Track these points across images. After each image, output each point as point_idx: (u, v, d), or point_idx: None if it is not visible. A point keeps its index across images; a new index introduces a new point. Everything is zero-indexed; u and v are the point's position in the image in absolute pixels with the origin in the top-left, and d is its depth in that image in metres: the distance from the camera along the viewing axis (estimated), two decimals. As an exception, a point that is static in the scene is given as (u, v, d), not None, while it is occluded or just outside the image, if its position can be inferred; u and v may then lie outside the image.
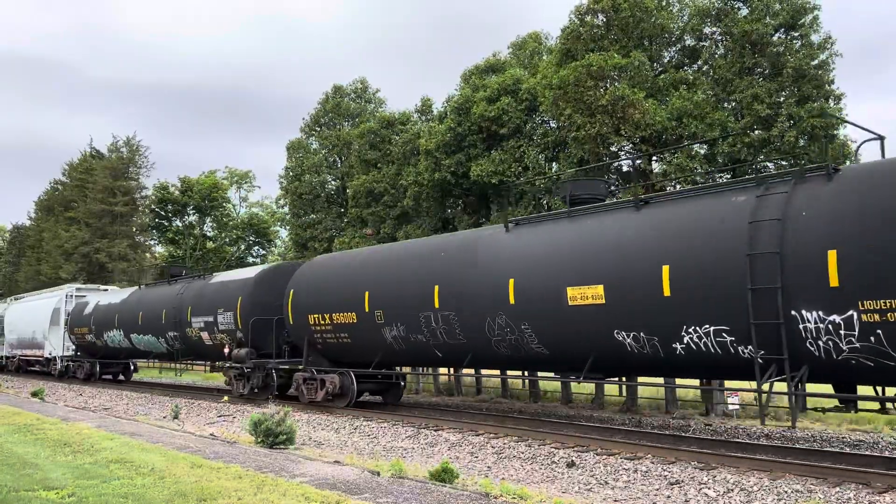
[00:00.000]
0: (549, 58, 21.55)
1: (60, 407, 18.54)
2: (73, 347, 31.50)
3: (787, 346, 9.23)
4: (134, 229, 47.88)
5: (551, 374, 18.94)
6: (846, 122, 12.54)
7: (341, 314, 16.58)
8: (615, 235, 11.45)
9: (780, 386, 9.85)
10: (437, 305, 14.04)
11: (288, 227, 44.27)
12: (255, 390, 19.68)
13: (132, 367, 32.07)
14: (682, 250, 10.40)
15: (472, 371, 22.11)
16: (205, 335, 21.24)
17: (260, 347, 19.32)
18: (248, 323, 19.09)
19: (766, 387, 9.71)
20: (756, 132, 17.37)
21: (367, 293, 15.81)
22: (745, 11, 18.12)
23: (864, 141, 10.29)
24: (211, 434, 13.05)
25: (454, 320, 13.75)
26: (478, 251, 13.78)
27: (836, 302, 8.80)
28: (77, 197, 47.61)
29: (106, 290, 33.50)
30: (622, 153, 20.00)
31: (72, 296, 32.59)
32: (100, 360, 29.67)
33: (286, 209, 42.31)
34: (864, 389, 9.95)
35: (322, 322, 17.21)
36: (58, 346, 32.09)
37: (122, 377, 31.61)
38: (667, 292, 10.39)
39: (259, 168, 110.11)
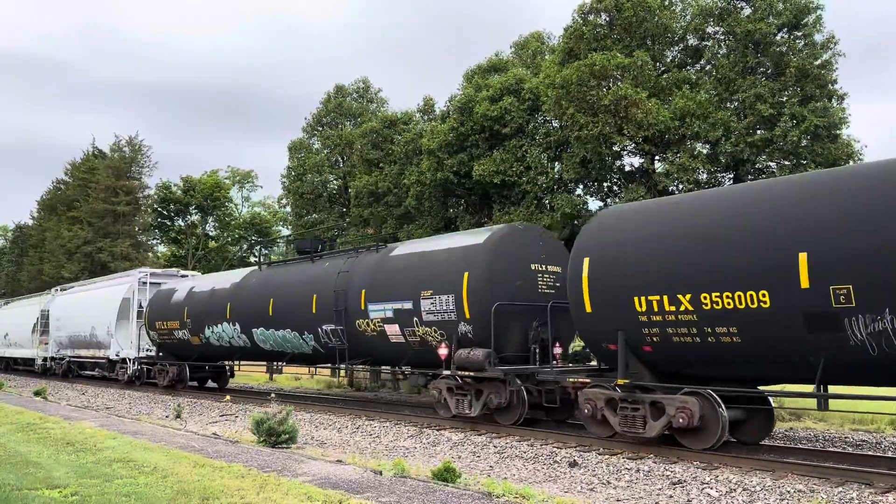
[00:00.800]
0: (552, 57, 21.54)
1: (63, 406, 18.58)
2: (151, 347, 25.32)
3: None
4: (136, 229, 47.97)
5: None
6: None
7: (726, 294, 9.69)
8: None
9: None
10: None
11: (290, 227, 44.32)
12: (490, 411, 13.68)
13: (228, 371, 25.57)
14: None
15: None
16: (391, 329, 15.14)
17: (501, 348, 13.46)
18: (490, 311, 12.99)
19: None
20: (759, 132, 17.36)
21: (803, 256, 8.96)
22: (747, 11, 18.11)
23: None
24: (213, 433, 13.07)
25: None
26: None
27: None
28: (80, 196, 47.68)
29: (185, 275, 27.70)
30: (625, 153, 20.00)
31: (145, 283, 26.42)
32: (189, 363, 23.67)
33: (288, 209, 42.34)
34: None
35: (666, 308, 10.37)
36: (128, 345, 26.13)
37: (212, 383, 25.68)
38: None
39: (260, 168, 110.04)
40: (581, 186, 21.36)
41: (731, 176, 18.39)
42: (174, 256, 55.69)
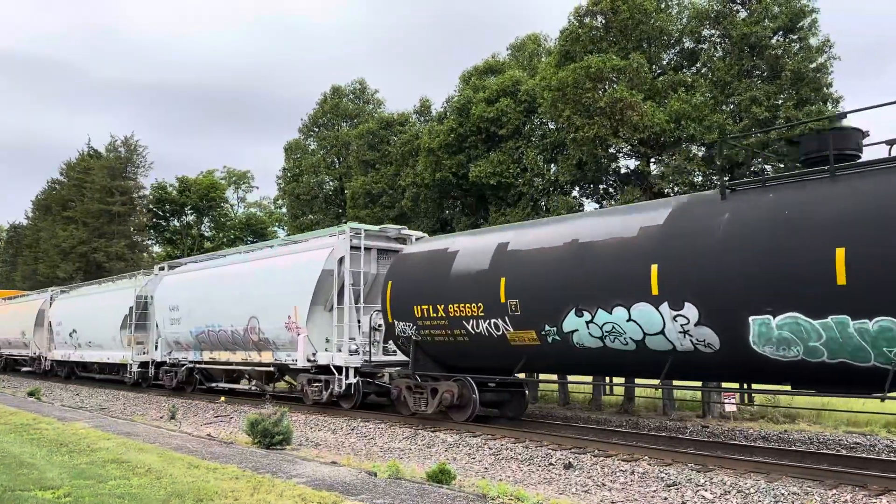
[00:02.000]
0: (548, 59, 21.57)
1: (57, 407, 18.51)
2: (371, 348, 16.60)
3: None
4: (132, 229, 47.89)
5: (550, 377, 19.01)
6: None
7: None
8: None
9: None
10: None
11: (286, 228, 44.28)
12: None
13: (526, 394, 15.78)
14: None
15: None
16: None
17: None
18: None
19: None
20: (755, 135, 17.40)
21: None
22: (743, 14, 18.15)
23: None
24: (208, 434, 13.03)
25: None
26: None
27: None
28: (75, 196, 47.55)
29: (409, 235, 18.16)
30: (621, 155, 20.03)
31: (358, 246, 16.97)
32: (475, 377, 14.06)
33: (284, 210, 42.35)
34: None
35: None
36: (325, 344, 17.09)
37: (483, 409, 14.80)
38: None
39: (259, 168, 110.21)
40: (577, 188, 21.39)
41: (728, 178, 18.42)
42: (169, 257, 55.61)
